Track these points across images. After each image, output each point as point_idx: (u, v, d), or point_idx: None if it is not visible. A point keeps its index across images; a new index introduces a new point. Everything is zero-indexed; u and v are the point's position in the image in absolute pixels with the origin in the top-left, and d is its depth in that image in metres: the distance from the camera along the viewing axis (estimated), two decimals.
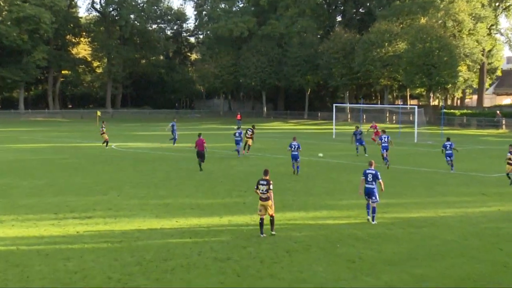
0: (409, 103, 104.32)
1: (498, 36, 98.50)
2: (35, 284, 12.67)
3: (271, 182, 16.90)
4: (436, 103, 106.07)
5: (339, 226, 18.07)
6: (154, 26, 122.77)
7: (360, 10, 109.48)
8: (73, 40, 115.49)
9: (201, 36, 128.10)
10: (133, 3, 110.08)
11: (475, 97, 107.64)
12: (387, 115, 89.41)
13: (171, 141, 47.79)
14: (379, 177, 18.72)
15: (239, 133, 38.98)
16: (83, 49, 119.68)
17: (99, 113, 79.17)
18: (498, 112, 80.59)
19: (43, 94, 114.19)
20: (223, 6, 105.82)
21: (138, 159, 36.87)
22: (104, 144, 45.77)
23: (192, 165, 32.98)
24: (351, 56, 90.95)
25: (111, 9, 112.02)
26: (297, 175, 29.50)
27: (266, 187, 16.77)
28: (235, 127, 72.54)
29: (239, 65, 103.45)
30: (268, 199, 16.79)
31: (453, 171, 31.31)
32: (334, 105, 62.56)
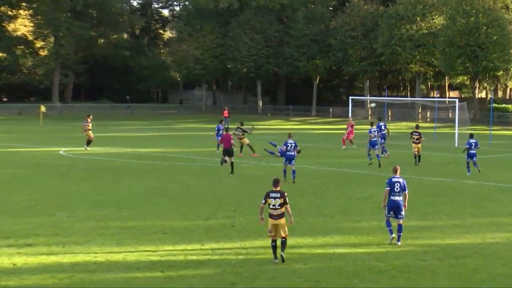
0: (448, 95, 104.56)
1: None
2: None
3: (286, 195, 17.31)
4: (483, 95, 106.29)
5: (357, 255, 18.10)
6: None
7: None
8: (9, 12, 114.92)
9: (177, 8, 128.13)
10: None
11: None
12: (419, 111, 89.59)
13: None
14: (406, 188, 19.44)
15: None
16: (22, 25, 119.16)
17: (43, 108, 78.83)
18: None
19: None
20: None
21: (94, 168, 36.74)
22: (85, 148, 46.25)
23: (166, 176, 32.89)
24: (373, 34, 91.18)
25: None
26: (294, 183, 30.15)
27: (279, 200, 17.14)
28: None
29: (227, 46, 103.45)
30: (282, 217, 17.19)
31: (469, 174, 34.63)
32: (350, 98, 62.62)
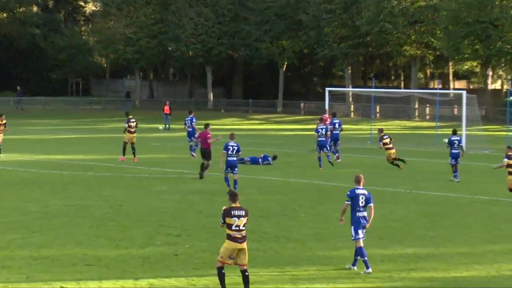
0: (452, 86, 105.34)
1: None
2: None
3: (248, 213, 17.65)
4: (497, 86, 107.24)
5: None
6: None
7: None
8: None
9: None
10: None
11: None
12: (416, 106, 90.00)
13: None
14: (372, 200, 20.25)
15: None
16: None
17: None
18: None
19: None
20: None
21: None
22: None
23: (89, 191, 32.79)
24: (355, 7, 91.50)
25: None
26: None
27: (244, 220, 17.43)
28: (160, 126, 72.02)
29: (167, 22, 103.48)
30: (245, 240, 17.46)
31: (458, 180, 35.28)
32: (327, 89, 62.68)
